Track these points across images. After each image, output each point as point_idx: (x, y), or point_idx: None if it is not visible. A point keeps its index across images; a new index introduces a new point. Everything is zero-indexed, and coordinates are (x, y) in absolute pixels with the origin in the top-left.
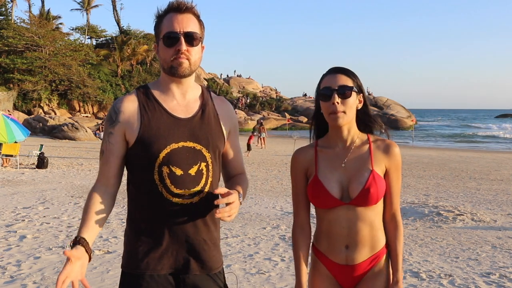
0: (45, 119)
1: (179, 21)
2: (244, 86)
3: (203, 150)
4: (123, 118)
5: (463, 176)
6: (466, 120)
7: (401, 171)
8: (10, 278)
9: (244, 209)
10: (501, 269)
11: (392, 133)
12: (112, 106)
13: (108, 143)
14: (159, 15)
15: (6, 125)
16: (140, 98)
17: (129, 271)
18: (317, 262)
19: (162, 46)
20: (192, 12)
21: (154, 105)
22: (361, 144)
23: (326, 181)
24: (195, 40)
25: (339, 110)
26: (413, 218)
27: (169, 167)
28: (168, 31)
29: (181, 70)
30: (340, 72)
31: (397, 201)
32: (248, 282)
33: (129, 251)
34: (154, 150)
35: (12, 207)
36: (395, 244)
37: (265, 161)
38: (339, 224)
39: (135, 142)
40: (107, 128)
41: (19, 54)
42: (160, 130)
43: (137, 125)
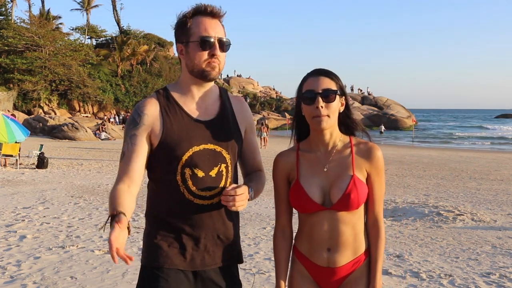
0: (45, 119)
1: (212, 26)
2: (244, 86)
3: (223, 151)
4: (147, 121)
5: (463, 176)
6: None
7: (383, 175)
8: (10, 278)
9: (244, 209)
10: (501, 269)
11: (392, 133)
12: (135, 109)
13: (130, 144)
14: (187, 15)
15: (6, 125)
16: (161, 101)
17: (149, 265)
18: (297, 263)
19: (194, 48)
20: (220, 18)
21: (175, 108)
22: (343, 147)
23: (308, 186)
24: (226, 46)
25: (323, 114)
26: (413, 218)
27: (192, 169)
28: (204, 35)
29: (213, 74)
30: (323, 74)
31: (379, 206)
32: (248, 282)
33: (149, 246)
34: (177, 153)
35: (12, 207)
36: (375, 250)
37: (265, 161)
38: (321, 227)
39: (158, 145)
40: (129, 130)
41: (19, 54)
42: (182, 133)
43: (160, 129)
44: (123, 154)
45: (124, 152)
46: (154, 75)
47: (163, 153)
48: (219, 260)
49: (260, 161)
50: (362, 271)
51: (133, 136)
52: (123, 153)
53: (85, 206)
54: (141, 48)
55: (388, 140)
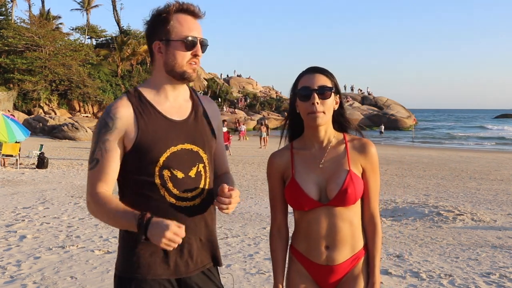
0: (45, 119)
1: (196, 27)
2: (244, 86)
3: (200, 151)
4: (120, 124)
5: (463, 176)
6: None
7: (378, 170)
8: (10, 278)
9: (244, 209)
10: (501, 269)
11: (392, 133)
12: (106, 112)
13: (104, 151)
14: (168, 11)
15: (6, 125)
16: (133, 102)
17: (129, 276)
18: (295, 262)
19: (177, 48)
20: (201, 19)
21: (148, 109)
22: (337, 144)
23: (304, 182)
24: (204, 47)
25: (319, 110)
26: (413, 218)
27: (170, 170)
28: (189, 35)
29: (193, 76)
30: (318, 72)
31: (375, 201)
32: (248, 282)
33: (128, 255)
34: (154, 155)
35: (12, 207)
36: (373, 247)
37: (265, 161)
38: (318, 224)
39: (132, 148)
40: (101, 135)
41: (19, 54)
42: (158, 134)
43: (135, 131)
44: (96, 161)
45: (97, 159)
46: None
47: (138, 156)
48: (201, 265)
49: (228, 163)
50: (361, 268)
51: (106, 141)
52: (96, 160)
53: (85, 206)
54: (141, 48)
55: (388, 140)
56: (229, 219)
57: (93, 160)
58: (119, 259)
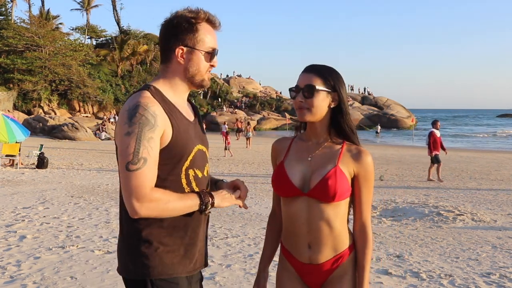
0: (45, 119)
1: (216, 38)
2: (244, 86)
3: (206, 152)
4: (161, 122)
5: (463, 176)
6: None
7: (372, 181)
8: (10, 278)
9: (244, 209)
10: (501, 269)
11: (390, 133)
12: (144, 109)
13: (150, 149)
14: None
15: (6, 125)
16: (158, 100)
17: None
18: (283, 260)
19: (202, 57)
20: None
21: (173, 109)
22: (333, 144)
23: (290, 169)
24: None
25: (304, 106)
26: (413, 218)
27: (194, 170)
28: (214, 47)
29: (208, 84)
30: (310, 71)
31: (366, 211)
32: (248, 282)
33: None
34: (184, 154)
35: (12, 207)
36: (363, 257)
37: (265, 161)
38: (298, 219)
39: (166, 146)
40: (145, 132)
41: (19, 54)
42: (186, 133)
43: (170, 129)
44: (144, 161)
45: (145, 158)
46: (154, 75)
47: (169, 155)
48: (204, 263)
49: None
50: (345, 268)
51: (150, 140)
52: (144, 159)
53: (85, 206)
54: (141, 48)
55: (388, 140)
56: (229, 219)
57: (140, 160)
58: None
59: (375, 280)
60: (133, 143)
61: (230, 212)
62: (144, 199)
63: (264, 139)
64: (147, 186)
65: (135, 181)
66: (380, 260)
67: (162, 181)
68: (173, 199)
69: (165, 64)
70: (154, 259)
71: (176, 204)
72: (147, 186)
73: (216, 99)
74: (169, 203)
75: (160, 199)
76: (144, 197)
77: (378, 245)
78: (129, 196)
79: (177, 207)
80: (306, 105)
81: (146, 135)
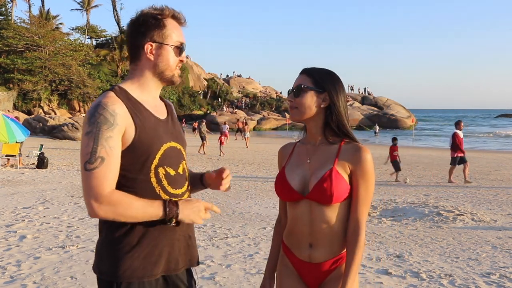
0: (45, 119)
1: (182, 34)
2: (244, 86)
3: (182, 149)
4: (121, 120)
5: (463, 176)
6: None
7: (370, 179)
8: (10, 278)
9: (244, 209)
10: (501, 269)
11: (390, 133)
12: (101, 107)
13: (109, 148)
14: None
15: (6, 125)
16: (122, 99)
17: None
18: (284, 257)
19: (171, 52)
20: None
21: (139, 107)
22: (331, 144)
23: (290, 173)
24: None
25: (293, 106)
26: (413, 218)
27: (164, 168)
28: (182, 42)
29: (179, 80)
30: (303, 72)
31: (362, 210)
32: (248, 282)
33: (120, 260)
34: (151, 152)
35: (12, 207)
36: (352, 257)
37: (265, 161)
38: (301, 221)
39: (130, 145)
40: (103, 131)
41: (19, 54)
42: (153, 131)
43: (133, 128)
44: (101, 160)
45: (102, 157)
46: None
47: (135, 154)
48: (187, 262)
49: None
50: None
51: (109, 139)
52: (101, 158)
53: (85, 206)
54: None
55: (388, 140)
56: (229, 219)
57: (97, 159)
58: (105, 262)
59: (375, 280)
60: (91, 143)
61: (230, 212)
62: (102, 200)
63: (264, 139)
64: (106, 186)
65: (92, 181)
66: (380, 260)
67: (131, 181)
68: (135, 205)
69: (134, 62)
70: (123, 262)
71: (136, 211)
72: (106, 186)
73: (216, 99)
74: (129, 209)
75: (120, 202)
76: (102, 198)
77: (378, 245)
78: (87, 196)
79: (138, 214)
80: (294, 104)
81: (104, 134)
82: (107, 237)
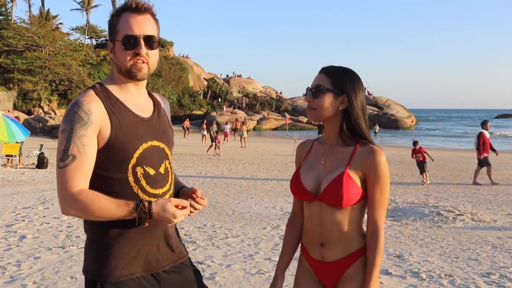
0: (45, 119)
1: (138, 23)
2: (244, 86)
3: (165, 148)
4: (95, 119)
5: (463, 176)
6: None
7: (385, 182)
8: (10, 278)
9: (244, 209)
10: (502, 269)
11: (389, 133)
12: (77, 106)
13: (82, 146)
14: (115, 13)
15: (6, 125)
16: (101, 97)
17: (103, 279)
18: (302, 257)
19: (119, 48)
20: (150, 12)
21: (118, 105)
22: (347, 146)
23: (304, 174)
24: (154, 43)
25: (311, 106)
26: (413, 218)
27: (143, 167)
28: (127, 34)
29: (140, 75)
30: (323, 71)
31: (378, 213)
32: (248, 282)
33: (100, 259)
34: (128, 151)
35: (12, 207)
36: (373, 260)
37: (265, 161)
38: (313, 220)
39: (106, 145)
40: (76, 130)
41: (19, 54)
42: (131, 130)
43: (109, 127)
44: (73, 157)
45: (73, 155)
46: (154, 75)
47: (112, 153)
48: (171, 259)
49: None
50: (357, 268)
51: (82, 137)
52: (72, 156)
53: None
54: None
55: (387, 140)
56: (229, 219)
57: (68, 157)
58: (89, 262)
59: None
60: (64, 140)
61: (230, 212)
62: (70, 197)
63: (264, 139)
64: (75, 184)
65: (63, 178)
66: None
67: (108, 180)
68: (104, 204)
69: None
70: (103, 262)
71: (106, 211)
72: (75, 184)
73: (216, 99)
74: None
75: (88, 201)
76: (70, 195)
77: None
78: (59, 193)
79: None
80: (313, 105)
81: (77, 132)
82: (90, 238)
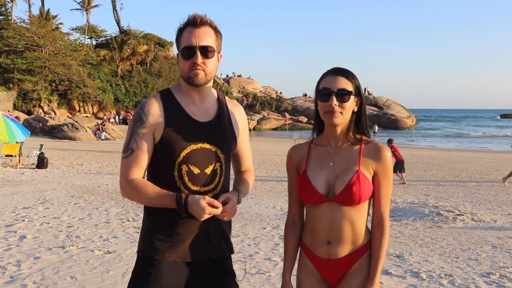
0: (45, 119)
1: (195, 35)
2: (244, 86)
3: (218, 151)
4: (152, 120)
5: (463, 176)
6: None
7: (391, 175)
8: (10, 278)
9: (244, 209)
10: (501, 269)
11: (389, 133)
12: (140, 108)
13: (140, 142)
14: (179, 29)
15: (6, 125)
16: (164, 101)
17: (143, 255)
18: (303, 256)
19: (181, 58)
20: (208, 25)
21: (176, 109)
22: (352, 144)
23: (314, 176)
24: (210, 53)
25: (336, 110)
26: (413, 218)
27: (188, 165)
28: (185, 45)
29: (197, 80)
30: (340, 74)
31: (385, 206)
32: (248, 282)
33: (145, 237)
34: (176, 150)
35: (12, 207)
36: (379, 250)
37: (265, 161)
38: (322, 220)
39: (159, 141)
40: (136, 128)
41: (19, 54)
42: (181, 132)
43: (162, 126)
44: (131, 151)
45: (132, 148)
46: (154, 75)
47: (163, 150)
48: (210, 252)
49: (251, 161)
50: (363, 262)
51: (140, 134)
52: (131, 150)
53: (85, 206)
54: (141, 48)
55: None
56: None
57: (128, 150)
58: (140, 241)
59: None
60: (127, 137)
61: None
62: (127, 183)
63: (264, 139)
64: (131, 173)
65: (122, 167)
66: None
67: (157, 173)
68: (150, 192)
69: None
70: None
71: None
72: (131, 173)
73: None
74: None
75: (138, 187)
76: (127, 182)
77: None
78: (120, 179)
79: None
80: (339, 109)
81: (136, 130)
82: (143, 221)
